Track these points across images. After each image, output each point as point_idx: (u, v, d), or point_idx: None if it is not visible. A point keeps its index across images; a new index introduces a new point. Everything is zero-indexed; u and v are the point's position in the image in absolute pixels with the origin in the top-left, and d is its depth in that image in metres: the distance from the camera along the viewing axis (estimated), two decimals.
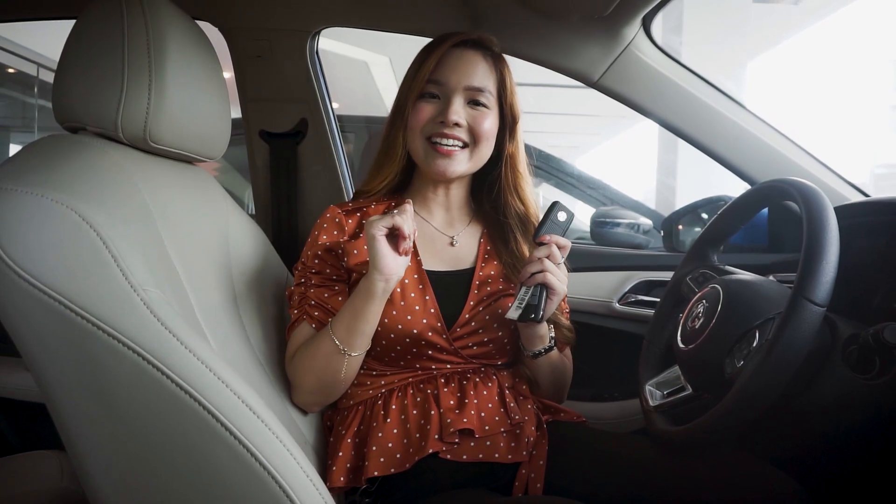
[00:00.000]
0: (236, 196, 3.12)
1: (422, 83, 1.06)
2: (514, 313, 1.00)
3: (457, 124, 1.04)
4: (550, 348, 1.09)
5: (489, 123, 1.07)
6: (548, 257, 1.00)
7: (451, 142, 1.05)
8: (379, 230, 0.93)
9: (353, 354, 1.00)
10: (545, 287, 1.00)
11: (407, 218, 0.93)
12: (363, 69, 7.23)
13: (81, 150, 0.83)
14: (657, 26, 1.36)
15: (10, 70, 7.01)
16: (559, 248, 1.01)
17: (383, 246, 0.93)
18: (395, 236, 0.95)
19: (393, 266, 0.95)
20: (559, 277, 1.00)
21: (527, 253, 1.12)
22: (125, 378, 0.69)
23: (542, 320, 1.02)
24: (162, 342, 0.70)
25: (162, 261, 0.86)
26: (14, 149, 7.49)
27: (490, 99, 1.08)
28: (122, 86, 0.85)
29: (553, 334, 1.10)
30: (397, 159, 1.10)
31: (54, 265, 0.68)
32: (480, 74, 1.07)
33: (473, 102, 1.07)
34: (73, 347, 0.68)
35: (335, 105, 1.60)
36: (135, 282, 0.71)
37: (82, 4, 0.90)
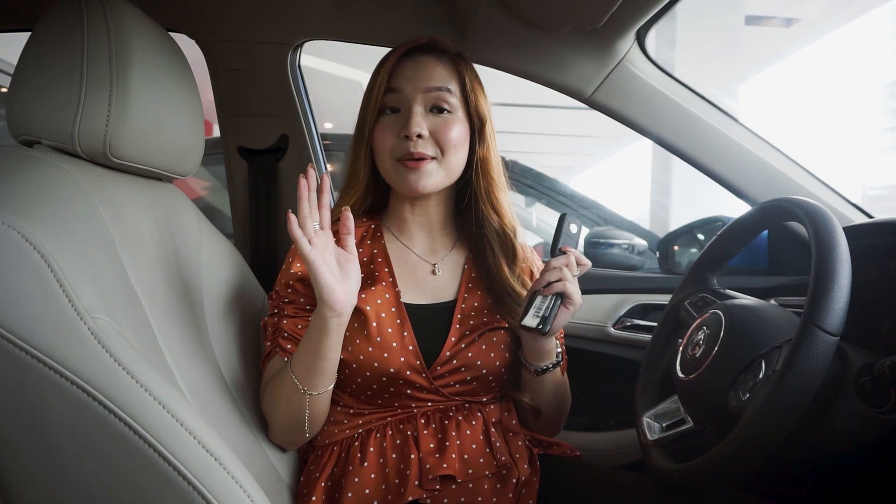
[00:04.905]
0: (227, 216, 3.05)
1: (378, 97, 1.00)
2: (531, 321, 0.93)
3: (419, 136, 0.97)
4: (558, 363, 1.03)
5: (455, 132, 1.00)
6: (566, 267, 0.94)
7: (417, 158, 0.99)
8: (311, 253, 0.84)
9: (314, 394, 0.92)
10: (562, 297, 0.94)
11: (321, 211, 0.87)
12: (356, 89, 7.24)
13: (31, 165, 0.76)
14: (651, 40, 1.31)
15: (4, 90, 6.99)
16: (578, 264, 0.95)
17: (327, 277, 0.85)
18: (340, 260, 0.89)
19: (343, 296, 0.87)
20: (575, 286, 0.94)
21: (506, 270, 1.05)
22: (67, 415, 0.63)
23: (550, 333, 0.95)
24: (109, 375, 0.63)
25: (119, 287, 0.79)
26: None
27: (453, 101, 1.01)
28: (79, 95, 0.79)
29: (560, 349, 1.04)
30: (360, 178, 1.04)
31: None
32: (438, 77, 1.00)
33: (437, 109, 1.00)
34: (8, 380, 0.62)
35: (328, 125, 1.56)
36: (81, 309, 0.64)
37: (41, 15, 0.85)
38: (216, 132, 1.56)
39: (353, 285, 0.89)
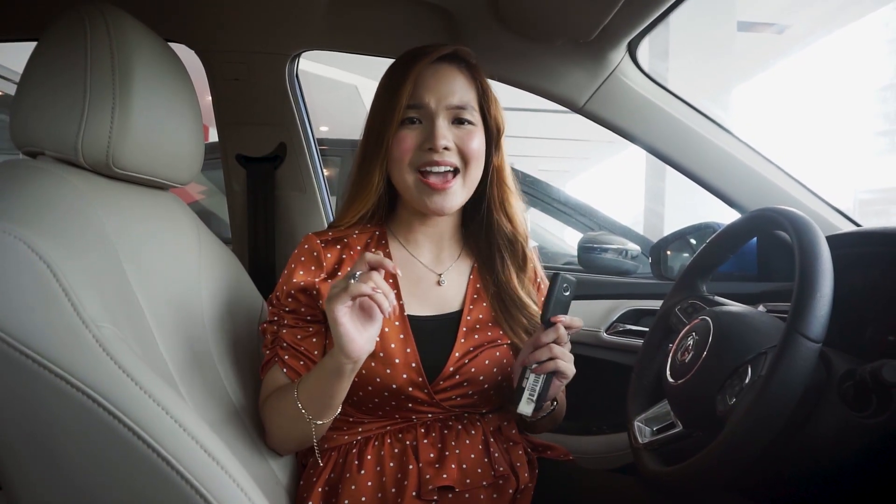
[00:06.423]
0: (223, 220, 3.06)
1: (401, 110, 0.96)
2: (526, 408, 0.90)
3: (446, 148, 0.95)
4: (552, 412, 1.02)
5: (477, 142, 0.98)
6: (555, 340, 0.90)
7: (442, 168, 0.96)
8: (342, 312, 0.80)
9: (319, 423, 0.92)
10: (554, 373, 0.91)
11: (382, 297, 0.80)
12: (353, 93, 7.24)
13: (36, 176, 0.78)
14: (643, 51, 1.34)
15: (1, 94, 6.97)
16: (567, 328, 0.91)
17: (349, 329, 0.81)
18: (361, 307, 0.84)
19: (361, 345, 0.83)
20: (567, 360, 0.90)
21: (515, 279, 1.05)
22: (72, 421, 0.63)
23: (541, 405, 0.92)
24: (114, 382, 0.64)
25: (122, 295, 0.81)
26: None
27: (474, 114, 0.99)
28: (83, 107, 0.81)
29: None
30: (373, 191, 1.00)
31: None
32: (461, 90, 0.98)
33: (458, 121, 0.98)
34: (13, 387, 0.63)
35: (324, 128, 1.58)
36: (87, 317, 0.66)
37: (45, 26, 0.86)
38: (213, 136, 1.58)
39: (373, 331, 0.85)
